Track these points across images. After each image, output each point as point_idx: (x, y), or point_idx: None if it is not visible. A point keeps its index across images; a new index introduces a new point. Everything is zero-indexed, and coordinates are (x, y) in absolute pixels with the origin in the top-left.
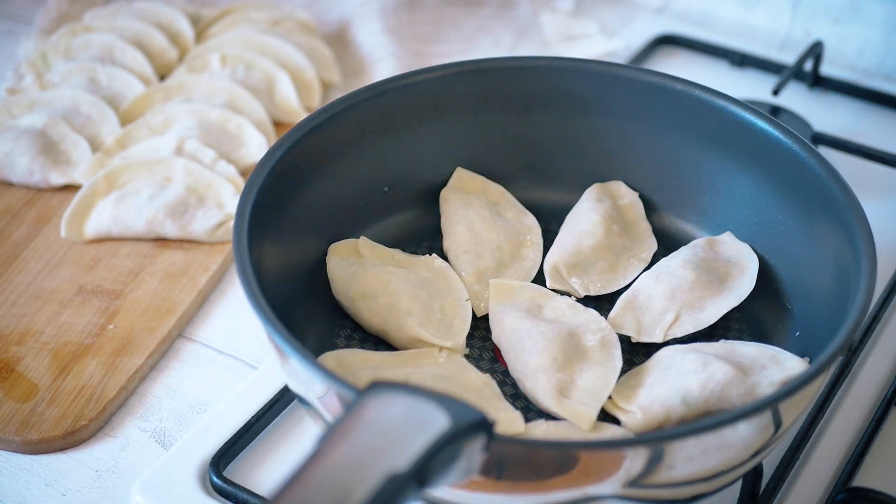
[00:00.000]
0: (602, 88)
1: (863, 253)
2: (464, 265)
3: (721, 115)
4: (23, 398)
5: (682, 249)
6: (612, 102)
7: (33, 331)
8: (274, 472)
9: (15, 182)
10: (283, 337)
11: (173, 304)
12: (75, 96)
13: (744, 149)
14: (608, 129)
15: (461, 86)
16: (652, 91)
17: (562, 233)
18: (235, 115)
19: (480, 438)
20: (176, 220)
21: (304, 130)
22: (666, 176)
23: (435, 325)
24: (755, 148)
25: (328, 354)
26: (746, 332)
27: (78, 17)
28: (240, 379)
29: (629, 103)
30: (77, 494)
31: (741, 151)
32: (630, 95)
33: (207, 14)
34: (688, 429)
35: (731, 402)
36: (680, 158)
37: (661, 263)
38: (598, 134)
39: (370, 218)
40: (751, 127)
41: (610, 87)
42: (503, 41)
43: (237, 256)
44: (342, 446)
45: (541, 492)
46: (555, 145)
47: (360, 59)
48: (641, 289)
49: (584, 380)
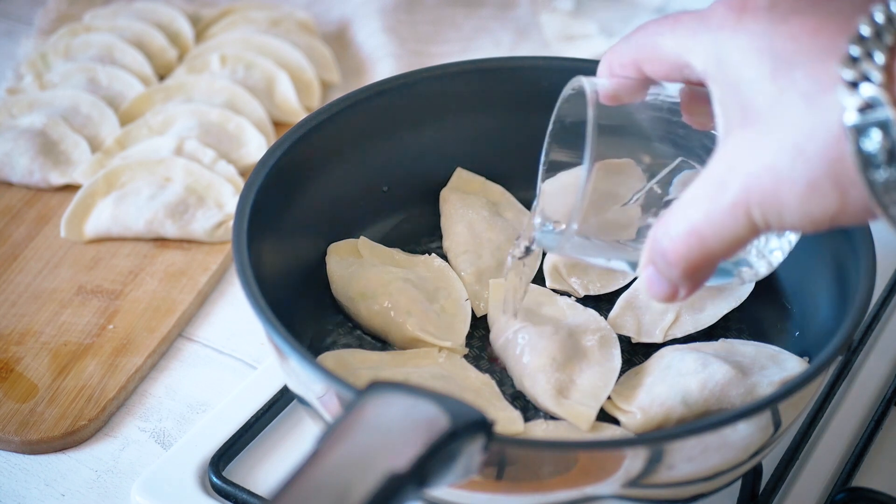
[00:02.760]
0: None
1: (862, 252)
2: (464, 265)
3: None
4: (22, 398)
5: None
6: None
7: (33, 331)
8: (273, 472)
9: (15, 182)
10: (283, 337)
11: (173, 304)
12: (75, 96)
13: None
14: None
15: (461, 86)
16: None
17: None
18: (235, 115)
19: (480, 438)
20: (176, 220)
21: (304, 130)
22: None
23: (435, 325)
24: None
25: (327, 354)
26: (746, 332)
27: (78, 17)
28: (239, 379)
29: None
30: (77, 494)
31: None
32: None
33: (207, 14)
34: (688, 429)
35: (730, 402)
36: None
37: None
38: None
39: (370, 218)
40: None
41: None
42: (503, 41)
43: (237, 256)
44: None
45: (540, 492)
46: None
47: (360, 59)
48: (641, 289)
49: (583, 380)
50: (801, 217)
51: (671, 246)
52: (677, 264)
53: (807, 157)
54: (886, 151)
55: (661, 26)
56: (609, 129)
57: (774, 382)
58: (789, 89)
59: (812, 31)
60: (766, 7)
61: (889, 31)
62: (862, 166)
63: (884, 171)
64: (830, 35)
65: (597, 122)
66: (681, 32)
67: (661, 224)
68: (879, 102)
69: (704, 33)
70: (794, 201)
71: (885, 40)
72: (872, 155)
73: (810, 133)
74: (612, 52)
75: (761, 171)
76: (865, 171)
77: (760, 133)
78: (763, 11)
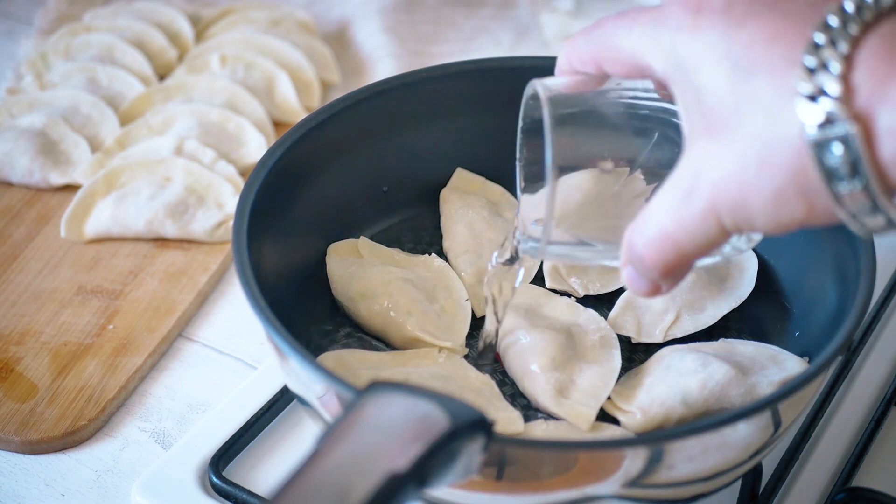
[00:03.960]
0: None
1: (862, 252)
2: (464, 265)
3: None
4: (22, 398)
5: None
6: None
7: (33, 331)
8: (273, 472)
9: (15, 182)
10: (283, 337)
11: (173, 304)
12: (75, 96)
13: None
14: None
15: (461, 86)
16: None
17: None
18: (235, 115)
19: (480, 438)
20: (176, 220)
21: (304, 130)
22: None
23: (434, 325)
24: None
25: (327, 354)
26: (746, 332)
27: (78, 17)
28: (239, 379)
29: None
30: (76, 494)
31: None
32: None
33: (207, 14)
34: (688, 429)
35: (730, 402)
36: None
37: None
38: None
39: (370, 218)
40: None
41: None
42: (503, 41)
43: (236, 256)
44: (341, 446)
45: (540, 492)
46: None
47: (360, 59)
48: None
49: (583, 380)
50: (770, 222)
51: (646, 251)
52: (654, 267)
53: (771, 167)
54: (849, 165)
55: (617, 26)
56: (572, 129)
57: (774, 382)
58: (749, 99)
59: (769, 38)
60: (722, 9)
61: (844, 38)
62: (826, 179)
63: (847, 184)
64: (787, 42)
65: (553, 131)
66: (638, 33)
67: (636, 228)
68: (839, 117)
69: (663, 35)
70: (762, 209)
71: (840, 48)
72: (835, 168)
73: (773, 144)
74: (572, 46)
75: (728, 180)
76: (829, 184)
77: (724, 142)
78: (719, 14)
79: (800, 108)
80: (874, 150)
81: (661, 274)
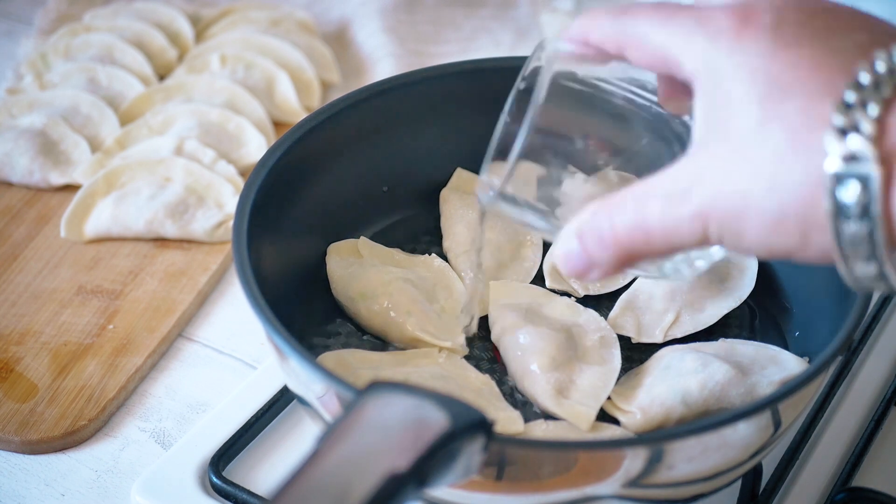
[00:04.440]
0: None
1: None
2: (464, 265)
3: None
4: (22, 398)
5: None
6: None
7: (33, 331)
8: (273, 472)
9: (15, 182)
10: (283, 337)
11: (173, 304)
12: (75, 96)
13: None
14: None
15: (461, 86)
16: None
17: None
18: (235, 115)
19: (480, 438)
20: (176, 220)
21: (304, 130)
22: None
23: (434, 325)
24: None
25: (327, 354)
26: (746, 332)
27: (78, 17)
28: (239, 379)
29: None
30: (76, 494)
31: None
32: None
33: (207, 14)
34: (688, 429)
35: (730, 402)
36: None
37: None
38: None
39: (370, 218)
40: None
41: None
42: (503, 41)
43: (236, 256)
44: (341, 446)
45: (540, 492)
46: None
47: (360, 59)
48: (641, 289)
49: (583, 380)
50: (760, 246)
51: (611, 233)
52: (611, 249)
53: (781, 191)
54: (861, 206)
55: (652, 18)
56: (567, 98)
57: (774, 382)
58: (777, 119)
59: (812, 66)
60: (771, 27)
61: (888, 83)
62: (833, 214)
63: (854, 224)
64: (830, 73)
65: (548, 89)
66: (674, 29)
67: (605, 207)
68: (865, 157)
69: (700, 36)
70: (757, 230)
71: (883, 92)
72: (847, 206)
73: (789, 168)
74: (593, 22)
75: (732, 192)
76: (836, 220)
77: (737, 154)
78: (767, 31)
79: (828, 139)
80: (889, 197)
81: (612, 258)
